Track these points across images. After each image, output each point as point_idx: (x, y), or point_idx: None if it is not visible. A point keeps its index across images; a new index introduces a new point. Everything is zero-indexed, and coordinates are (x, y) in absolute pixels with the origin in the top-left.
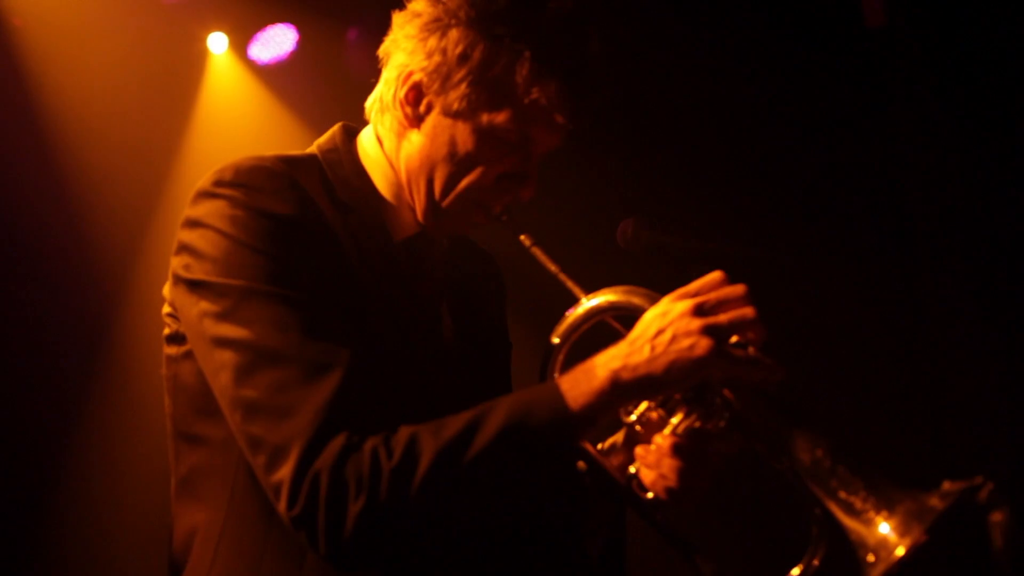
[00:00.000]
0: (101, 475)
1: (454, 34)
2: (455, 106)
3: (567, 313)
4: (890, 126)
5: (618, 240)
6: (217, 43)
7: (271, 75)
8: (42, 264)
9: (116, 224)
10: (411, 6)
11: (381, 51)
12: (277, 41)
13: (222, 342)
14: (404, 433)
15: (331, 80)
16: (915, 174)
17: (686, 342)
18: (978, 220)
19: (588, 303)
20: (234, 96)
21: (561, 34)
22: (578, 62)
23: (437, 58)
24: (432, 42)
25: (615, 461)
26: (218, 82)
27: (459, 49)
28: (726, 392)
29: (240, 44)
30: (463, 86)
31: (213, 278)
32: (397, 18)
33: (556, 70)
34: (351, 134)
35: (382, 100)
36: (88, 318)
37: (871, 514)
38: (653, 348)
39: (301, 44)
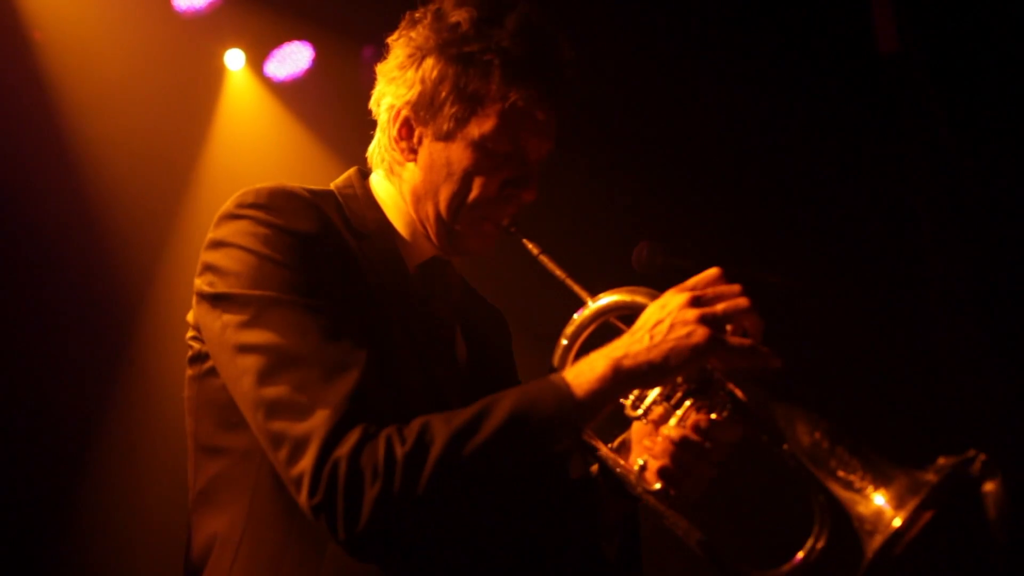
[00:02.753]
0: (119, 489)
1: (429, 62)
2: (444, 127)
3: (575, 315)
4: (903, 151)
5: (633, 263)
6: (234, 60)
7: (287, 92)
8: (62, 280)
9: (135, 238)
10: (389, 55)
11: (372, 104)
12: (293, 58)
13: (244, 348)
14: (417, 423)
15: (346, 97)
16: (927, 199)
17: (683, 330)
18: (988, 244)
19: (594, 304)
20: (251, 112)
21: (522, 40)
22: (543, 61)
23: (418, 87)
24: (410, 75)
25: (624, 457)
26: (235, 98)
27: (435, 73)
28: (728, 384)
29: (257, 61)
30: (447, 106)
31: (236, 290)
32: (379, 68)
33: (525, 72)
34: (365, 175)
35: (380, 145)
36: (108, 333)
37: (869, 490)
38: (652, 337)
39: (317, 61)
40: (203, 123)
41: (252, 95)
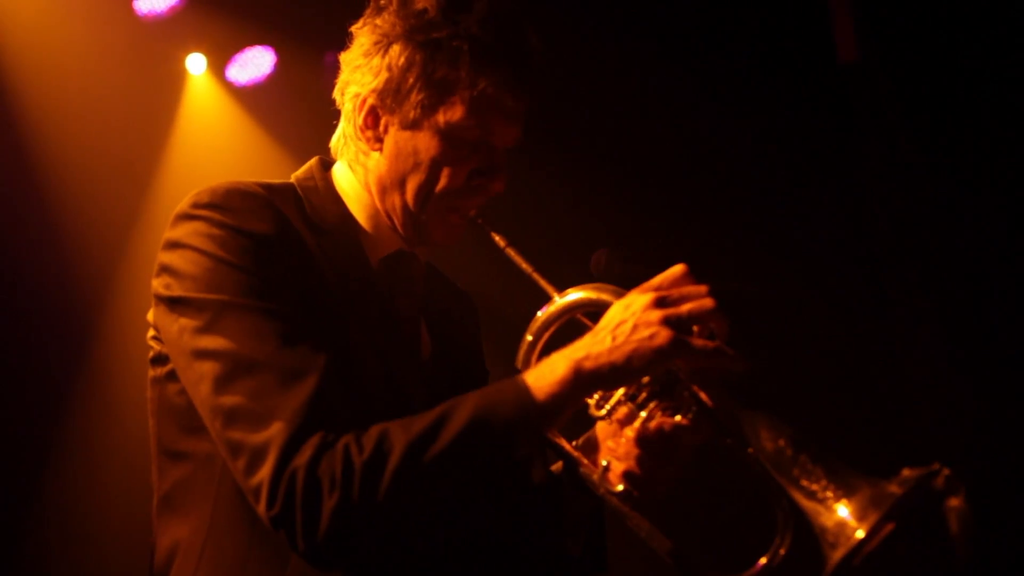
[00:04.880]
0: (83, 493)
1: (395, 49)
2: (411, 115)
3: (540, 311)
4: (862, 159)
5: (591, 269)
6: (196, 64)
7: (249, 96)
8: (23, 282)
9: (96, 241)
10: (353, 43)
11: (336, 93)
12: (255, 63)
13: (202, 354)
14: (375, 430)
15: (307, 102)
16: (886, 206)
17: (646, 332)
18: (946, 251)
19: (560, 300)
20: (212, 117)
21: (492, 26)
22: (513, 47)
23: (385, 75)
24: (376, 62)
25: (589, 454)
26: (196, 102)
27: (402, 60)
28: (693, 386)
29: (218, 65)
30: (414, 94)
31: (192, 294)
32: (343, 57)
33: (494, 57)
34: (327, 166)
35: (345, 135)
36: (70, 336)
37: (831, 501)
38: (615, 338)
39: (278, 66)
40: (164, 127)
41: (213, 99)
